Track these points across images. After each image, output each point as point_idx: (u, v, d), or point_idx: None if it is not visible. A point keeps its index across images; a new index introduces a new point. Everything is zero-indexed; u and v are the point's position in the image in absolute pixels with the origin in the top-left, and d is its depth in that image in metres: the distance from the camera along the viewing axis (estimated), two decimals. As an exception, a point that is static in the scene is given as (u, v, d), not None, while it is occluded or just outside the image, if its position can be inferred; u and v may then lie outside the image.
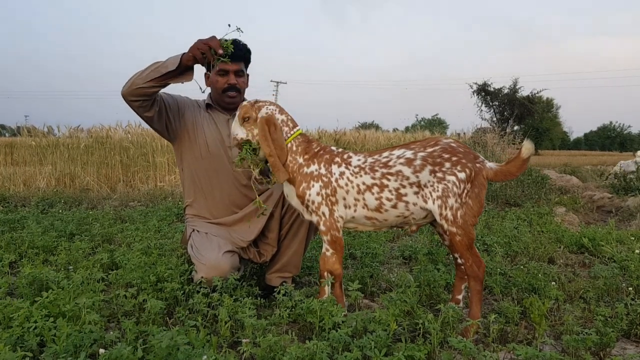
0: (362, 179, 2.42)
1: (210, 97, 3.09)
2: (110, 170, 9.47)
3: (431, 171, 2.30)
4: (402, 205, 2.37)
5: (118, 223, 5.32)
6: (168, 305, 2.62)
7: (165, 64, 2.57)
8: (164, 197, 7.53)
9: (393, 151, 2.43)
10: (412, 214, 2.39)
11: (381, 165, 2.40)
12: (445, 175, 2.28)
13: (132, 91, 2.61)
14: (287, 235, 2.96)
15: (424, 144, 2.39)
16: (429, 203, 2.31)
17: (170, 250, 3.60)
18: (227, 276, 2.62)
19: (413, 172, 2.33)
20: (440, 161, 2.30)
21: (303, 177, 2.48)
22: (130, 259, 3.16)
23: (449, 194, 2.27)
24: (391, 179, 2.37)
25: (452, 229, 2.28)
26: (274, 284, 2.94)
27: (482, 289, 2.34)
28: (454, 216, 2.27)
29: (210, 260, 2.66)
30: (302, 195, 2.49)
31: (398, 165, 2.36)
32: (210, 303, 2.47)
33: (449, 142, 2.36)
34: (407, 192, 2.35)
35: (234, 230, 2.92)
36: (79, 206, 6.88)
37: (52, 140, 10.36)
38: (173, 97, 2.96)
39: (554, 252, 4.05)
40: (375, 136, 12.64)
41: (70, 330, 1.92)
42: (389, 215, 2.41)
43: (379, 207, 2.40)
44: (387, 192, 2.37)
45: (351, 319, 2.14)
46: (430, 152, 2.34)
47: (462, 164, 2.29)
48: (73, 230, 4.52)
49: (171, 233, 4.54)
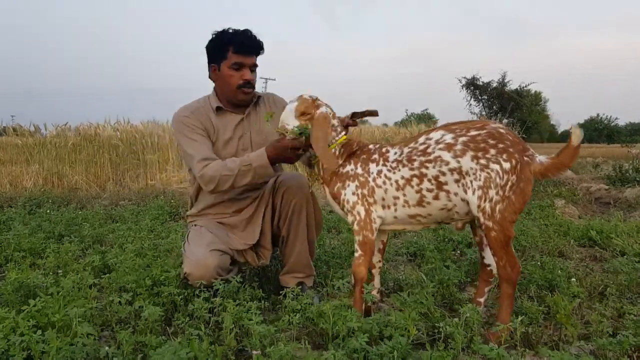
0: (401, 172, 2.25)
1: (216, 94, 2.84)
2: (99, 169, 9.22)
3: (473, 157, 2.11)
4: (444, 196, 2.19)
5: (109, 223, 5.12)
6: (166, 311, 2.45)
7: (260, 175, 2.53)
8: (156, 196, 7.31)
9: (430, 135, 2.25)
10: (455, 207, 2.21)
11: (419, 153, 2.22)
12: (489, 163, 2.09)
13: (219, 192, 2.64)
14: (288, 236, 2.80)
15: (467, 126, 2.19)
16: (469, 193, 2.13)
17: (165, 252, 3.43)
18: (213, 275, 2.46)
19: (454, 156, 2.14)
20: (484, 147, 2.11)
21: (338, 177, 2.40)
22: (124, 262, 2.98)
23: (490, 184, 2.08)
24: (429, 167, 2.18)
25: (489, 223, 2.10)
26: (290, 285, 2.76)
27: (514, 292, 2.17)
28: (492, 209, 2.09)
29: (195, 255, 2.50)
30: (337, 195, 2.39)
31: (437, 151, 2.18)
32: (212, 308, 2.29)
33: (497, 127, 2.16)
34: (448, 180, 2.16)
35: (235, 231, 2.77)
36: (67, 206, 6.65)
37: (39, 139, 10.09)
38: (205, 136, 2.74)
39: (564, 246, 3.90)
40: (371, 130, 12.45)
41: (61, 344, 1.73)
42: (432, 209, 2.24)
43: (421, 200, 2.23)
44: (427, 182, 2.19)
45: (367, 324, 1.98)
46: (474, 136, 2.14)
47: (509, 153, 2.09)
48: (62, 232, 4.33)
49: (165, 233, 4.35)
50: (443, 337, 2.00)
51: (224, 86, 2.75)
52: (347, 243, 4.01)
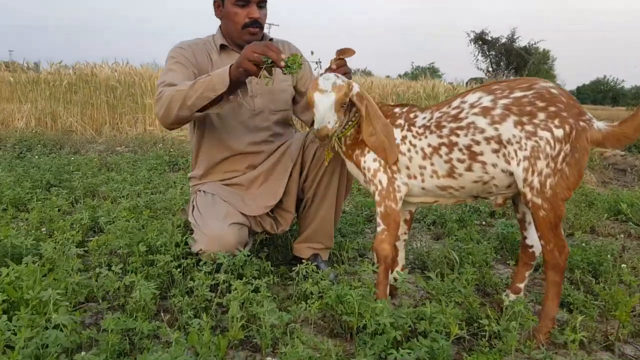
0: (427, 140, 1.93)
1: (221, 32, 2.47)
2: (96, 111, 8.77)
3: (517, 123, 1.77)
4: (478, 167, 1.86)
5: (103, 171, 4.79)
6: (161, 283, 2.14)
7: (212, 86, 2.01)
8: (154, 143, 6.94)
9: (466, 97, 1.90)
10: (494, 180, 1.88)
11: (450, 119, 1.89)
12: (538, 129, 1.75)
13: (172, 120, 2.16)
14: (314, 199, 2.44)
15: (511, 86, 1.84)
16: (513, 164, 1.80)
17: (163, 210, 3.10)
18: (233, 252, 2.12)
19: (490, 123, 1.81)
20: (531, 110, 1.77)
21: (357, 144, 2.07)
22: (116, 221, 2.66)
23: (539, 154, 1.75)
24: (460, 134, 1.85)
25: (537, 200, 1.78)
26: (304, 256, 2.46)
27: (562, 280, 1.86)
28: (541, 184, 1.76)
29: (213, 230, 2.15)
30: (358, 164, 2.07)
31: (471, 117, 1.84)
32: (215, 285, 1.99)
33: (548, 87, 1.80)
34: (483, 150, 1.83)
35: (250, 194, 2.41)
36: (60, 150, 6.29)
37: (33, 76, 9.59)
38: (189, 69, 2.33)
39: (596, 221, 3.58)
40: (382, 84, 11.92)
41: (32, 333, 1.42)
42: (465, 181, 1.91)
43: (451, 171, 1.91)
44: (457, 152, 1.87)
45: (400, 319, 1.67)
46: (519, 97, 1.79)
47: (562, 117, 1.75)
48: (51, 181, 3.98)
49: (163, 186, 4.02)
50: (488, 336, 1.70)
51: (229, 25, 2.39)
52: (361, 207, 3.68)
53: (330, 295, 1.84)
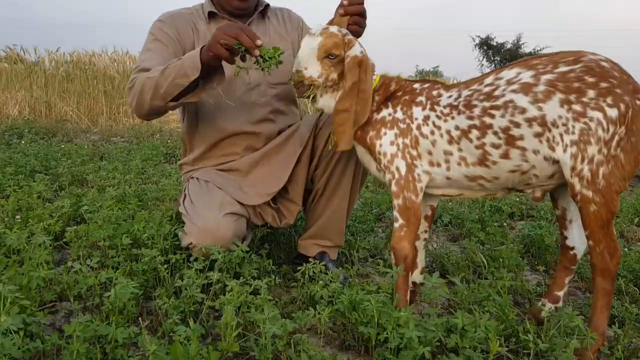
0: (455, 121, 1.65)
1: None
2: (92, 101, 8.45)
3: (563, 102, 1.50)
4: (517, 154, 1.59)
5: (95, 160, 4.50)
6: (146, 281, 1.86)
7: (184, 72, 1.73)
8: (152, 134, 6.65)
9: (501, 73, 1.63)
10: (534, 169, 1.61)
11: (482, 97, 1.61)
12: (587, 109, 1.48)
13: (147, 111, 1.91)
14: (325, 190, 2.14)
15: (554, 59, 1.57)
16: (558, 150, 1.52)
17: (154, 200, 2.82)
18: (228, 247, 1.84)
19: (533, 101, 1.53)
20: (579, 87, 1.50)
21: (371, 125, 1.78)
22: (100, 210, 2.38)
23: (589, 138, 1.48)
24: (497, 115, 1.58)
25: (587, 192, 1.50)
26: (310, 254, 2.17)
27: (612, 288, 1.59)
28: (593, 173, 1.49)
29: (206, 221, 1.86)
30: (372, 148, 1.78)
31: (509, 94, 1.56)
32: (208, 286, 1.71)
33: (598, 60, 1.53)
34: (524, 134, 1.56)
35: (249, 180, 2.10)
36: (52, 138, 6.00)
37: (28, 64, 9.30)
38: (169, 47, 2.05)
39: (625, 225, 3.30)
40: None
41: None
42: (500, 171, 1.64)
43: (483, 158, 1.63)
44: (492, 136, 1.59)
45: (429, 332, 1.38)
46: (565, 72, 1.52)
47: (616, 95, 1.48)
48: (36, 167, 3.69)
49: (156, 176, 3.73)
50: (532, 354, 1.42)
51: None
52: (371, 204, 3.39)
53: (343, 301, 1.56)
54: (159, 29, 2.08)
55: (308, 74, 1.69)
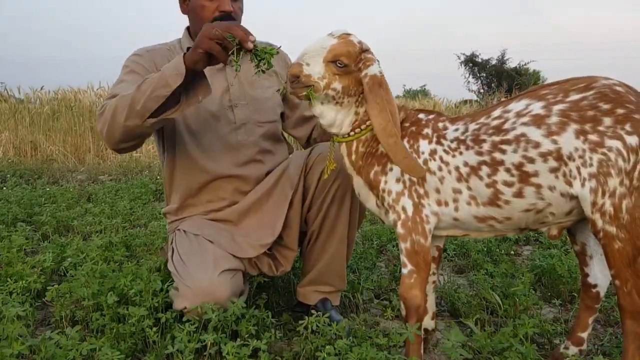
0: (463, 157, 1.54)
1: (188, 33, 2.07)
2: (79, 139, 8.29)
3: (578, 132, 1.40)
4: (531, 192, 1.47)
5: (82, 202, 4.34)
6: (134, 345, 1.70)
7: (165, 81, 1.56)
8: (140, 170, 6.50)
9: (509, 105, 1.52)
10: (550, 207, 1.49)
11: (491, 131, 1.50)
12: (604, 138, 1.38)
13: (120, 136, 1.71)
14: (320, 232, 2.00)
15: (565, 87, 1.47)
16: (576, 185, 1.41)
17: (142, 247, 2.67)
18: (225, 306, 1.68)
19: (546, 134, 1.42)
20: (595, 115, 1.40)
21: (375, 158, 1.64)
22: (84, 262, 2.22)
23: (610, 170, 1.37)
24: (508, 150, 1.47)
25: (610, 228, 1.39)
26: (310, 302, 2.02)
27: (645, 332, 1.46)
28: (615, 208, 1.38)
29: (200, 283, 1.69)
30: (375, 184, 1.64)
31: (520, 127, 1.45)
32: (202, 350, 1.55)
33: (611, 84, 1.43)
34: (538, 170, 1.45)
35: (241, 229, 1.96)
36: (38, 180, 5.84)
37: (12, 104, 9.16)
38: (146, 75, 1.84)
39: None
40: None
41: None
42: (512, 211, 1.52)
43: (495, 198, 1.51)
44: (504, 173, 1.48)
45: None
46: (577, 100, 1.43)
47: (635, 121, 1.37)
48: (19, 215, 3.53)
49: (146, 217, 3.58)
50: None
51: (196, 22, 1.96)
52: (370, 237, 3.25)
53: (350, 358, 1.42)
54: (135, 62, 1.96)
55: (307, 71, 1.53)
